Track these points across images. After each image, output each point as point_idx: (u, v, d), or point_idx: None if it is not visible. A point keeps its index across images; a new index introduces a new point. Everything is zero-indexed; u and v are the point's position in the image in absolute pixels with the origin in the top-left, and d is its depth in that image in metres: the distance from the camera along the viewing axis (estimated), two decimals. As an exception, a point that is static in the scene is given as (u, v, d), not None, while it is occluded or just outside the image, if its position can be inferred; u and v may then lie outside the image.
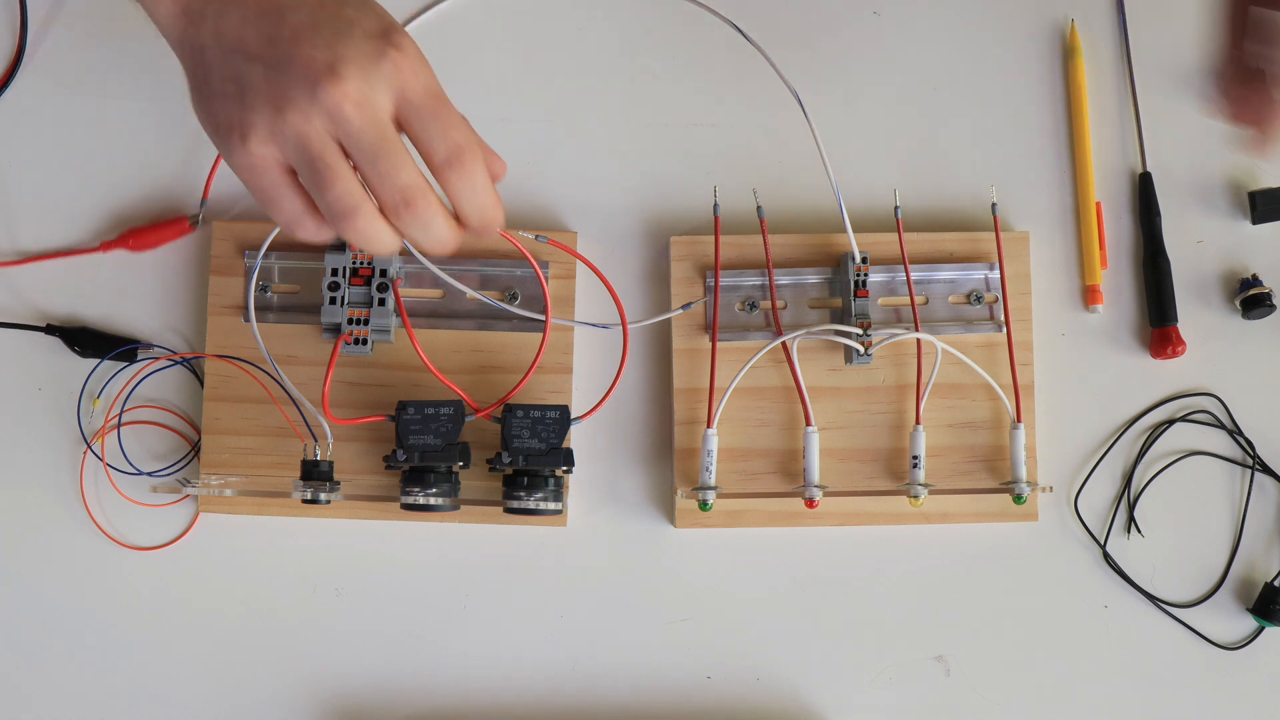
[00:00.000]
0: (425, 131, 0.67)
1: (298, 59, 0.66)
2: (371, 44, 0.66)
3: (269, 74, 0.66)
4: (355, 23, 0.67)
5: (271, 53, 0.67)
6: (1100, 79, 0.94)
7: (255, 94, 0.67)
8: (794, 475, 0.88)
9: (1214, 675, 0.88)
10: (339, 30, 0.66)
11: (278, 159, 0.67)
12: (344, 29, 0.66)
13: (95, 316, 0.91)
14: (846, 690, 0.87)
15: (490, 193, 0.69)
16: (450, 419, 0.85)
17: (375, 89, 0.66)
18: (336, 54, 0.66)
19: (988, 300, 0.90)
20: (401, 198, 0.67)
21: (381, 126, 0.66)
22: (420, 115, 0.67)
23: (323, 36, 0.66)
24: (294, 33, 0.66)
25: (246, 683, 0.87)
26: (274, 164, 0.68)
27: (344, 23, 0.66)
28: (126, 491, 0.89)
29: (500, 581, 0.88)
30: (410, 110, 0.67)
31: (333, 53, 0.66)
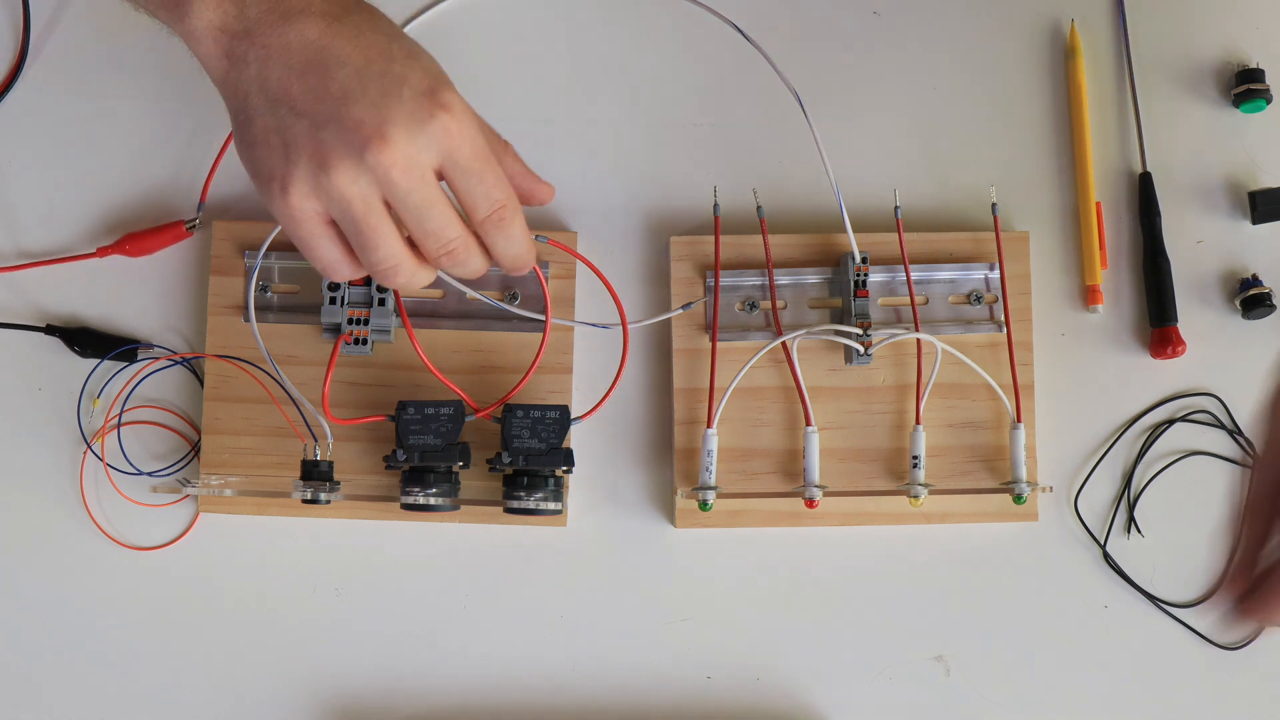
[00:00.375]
0: (470, 193, 0.68)
1: (345, 120, 0.65)
2: (419, 105, 0.65)
3: (314, 131, 0.66)
4: (404, 80, 0.66)
5: (317, 110, 0.66)
6: (1100, 79, 0.94)
7: (299, 150, 0.66)
8: (794, 475, 0.88)
9: (1214, 675, 0.88)
10: (386, 89, 0.65)
11: (319, 212, 0.68)
12: (392, 88, 0.65)
13: (95, 316, 0.91)
14: (846, 690, 0.87)
15: (525, 242, 0.71)
16: (450, 419, 0.85)
17: (422, 152, 0.66)
18: (384, 116, 0.65)
19: (988, 300, 0.90)
20: (445, 251, 0.69)
21: (427, 187, 0.66)
22: (466, 177, 0.67)
23: (370, 96, 0.65)
24: (341, 90, 0.66)
25: (246, 683, 0.87)
26: (314, 216, 0.68)
27: (392, 80, 0.65)
28: (126, 491, 0.89)
29: (500, 581, 0.88)
30: (456, 171, 0.67)
31: (380, 115, 0.65)
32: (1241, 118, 0.93)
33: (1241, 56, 0.93)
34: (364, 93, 0.65)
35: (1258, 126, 0.93)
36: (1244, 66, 0.93)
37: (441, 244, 0.69)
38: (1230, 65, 0.93)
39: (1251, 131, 0.93)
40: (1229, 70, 0.93)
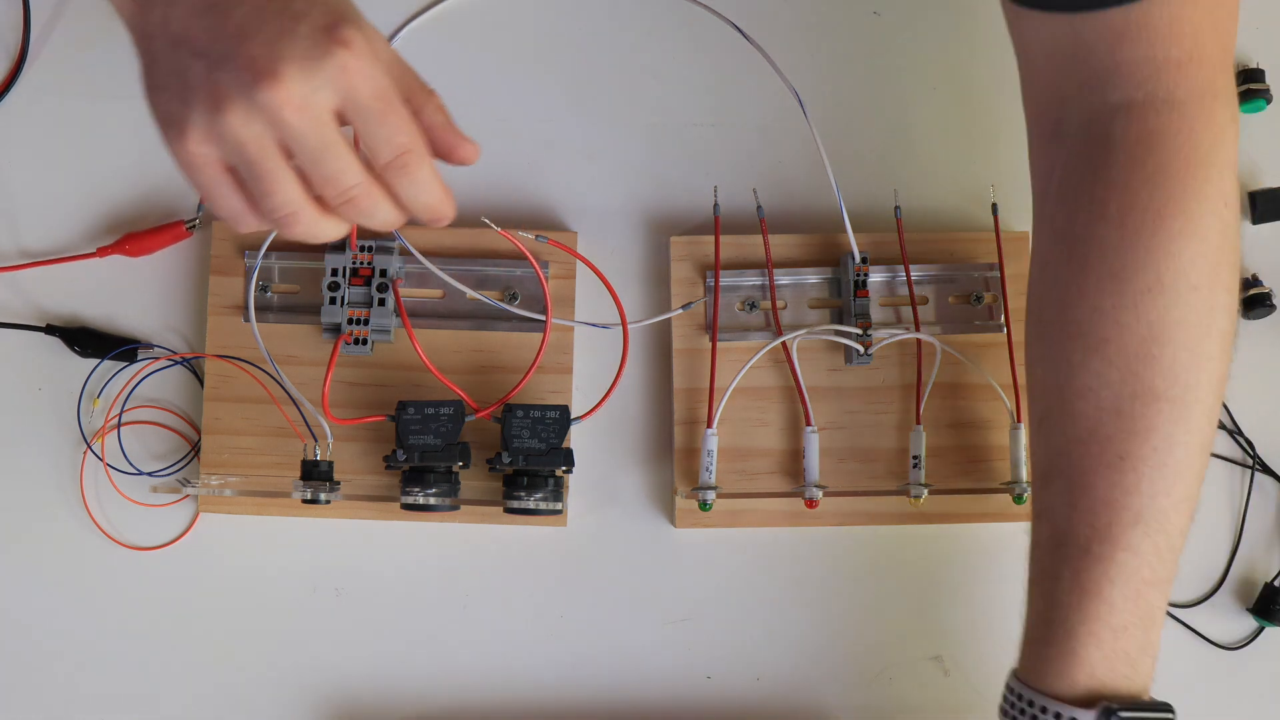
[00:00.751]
0: (369, 135, 0.65)
1: (239, 57, 0.63)
2: (316, 41, 0.62)
3: (209, 71, 0.64)
4: (302, 16, 0.63)
5: (214, 48, 0.63)
6: (1100, 79, 0.94)
7: (195, 91, 0.64)
8: (794, 475, 0.88)
9: (1214, 675, 0.88)
10: (283, 27, 0.63)
11: (217, 157, 0.65)
12: (289, 25, 0.63)
13: (95, 316, 0.91)
14: (846, 690, 0.87)
15: (434, 190, 0.67)
16: (450, 419, 0.85)
17: (317, 90, 0.63)
18: (277, 53, 0.62)
19: (988, 300, 0.90)
20: (344, 198, 0.66)
21: (323, 129, 0.64)
22: (365, 117, 0.64)
23: (265, 34, 0.63)
24: (238, 28, 0.63)
25: (246, 683, 0.87)
26: (213, 162, 0.65)
27: (290, 17, 0.63)
28: (126, 491, 0.89)
29: (500, 581, 0.88)
30: (354, 111, 0.64)
31: (273, 52, 0.62)
32: (1242, 118, 0.93)
33: (1241, 56, 0.93)
34: (260, 30, 0.63)
35: (1258, 126, 0.93)
36: (1244, 66, 0.93)
37: (341, 190, 0.65)
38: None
39: (1251, 131, 0.93)
40: (1229, 70, 0.93)
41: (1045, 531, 0.74)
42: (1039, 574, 0.74)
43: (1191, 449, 0.72)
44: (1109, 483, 0.72)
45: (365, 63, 0.63)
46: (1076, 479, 0.72)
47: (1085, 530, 0.72)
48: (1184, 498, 0.72)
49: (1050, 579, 0.73)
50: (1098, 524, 0.72)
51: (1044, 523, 0.74)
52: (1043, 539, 0.74)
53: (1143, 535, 0.72)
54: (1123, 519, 0.72)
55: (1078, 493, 0.72)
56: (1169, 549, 0.73)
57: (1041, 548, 0.74)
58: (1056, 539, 0.73)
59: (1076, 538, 0.72)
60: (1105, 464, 0.72)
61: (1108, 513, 0.72)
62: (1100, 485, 0.72)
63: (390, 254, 0.89)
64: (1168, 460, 0.71)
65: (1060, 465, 0.73)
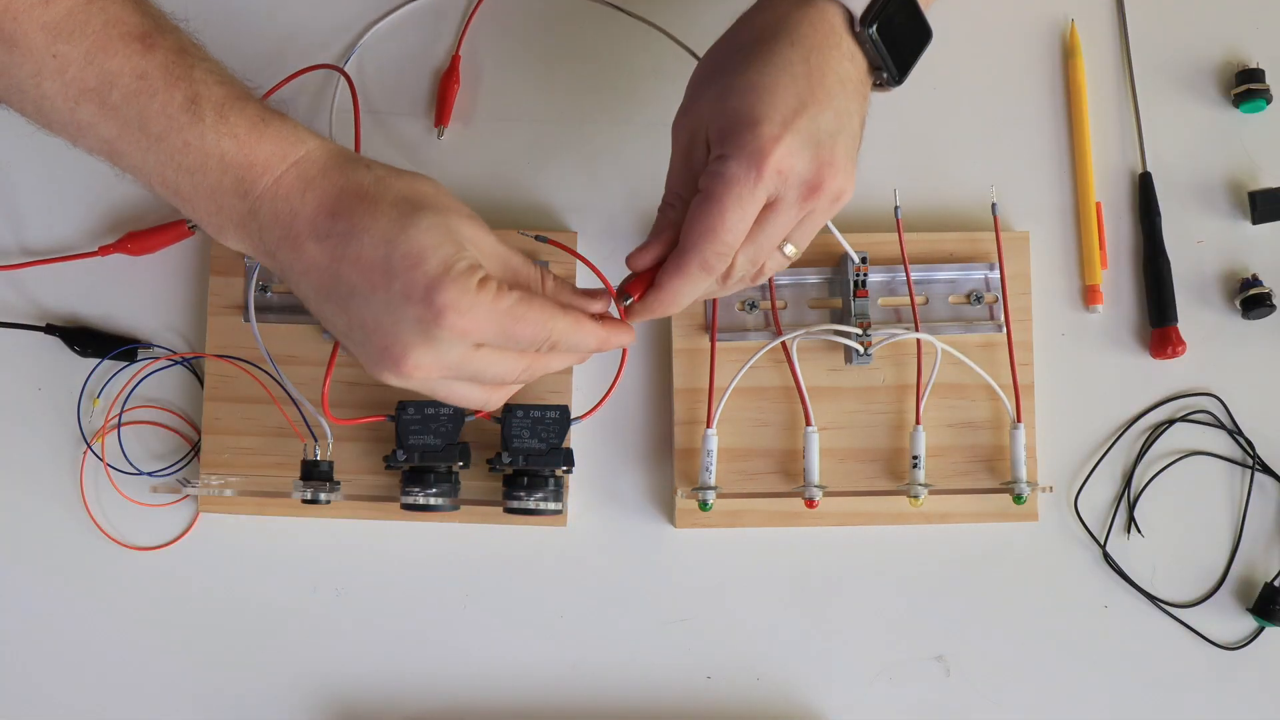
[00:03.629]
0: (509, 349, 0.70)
1: (372, 349, 0.70)
2: (423, 317, 0.67)
3: (356, 347, 0.71)
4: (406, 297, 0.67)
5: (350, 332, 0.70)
6: (1100, 79, 0.94)
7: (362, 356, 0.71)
8: (794, 475, 0.88)
9: (1214, 675, 0.88)
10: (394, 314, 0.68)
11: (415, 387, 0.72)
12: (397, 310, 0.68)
13: (95, 316, 0.91)
14: (846, 690, 0.87)
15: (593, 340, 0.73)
16: (450, 419, 0.85)
17: (447, 353, 0.69)
18: (401, 341, 0.68)
19: (988, 300, 0.90)
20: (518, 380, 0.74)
21: (466, 367, 0.70)
22: (500, 348, 0.70)
23: (384, 325, 0.69)
24: (359, 319, 0.69)
25: (247, 683, 0.87)
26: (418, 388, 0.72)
27: (396, 301, 0.68)
28: (126, 491, 0.89)
29: (500, 581, 0.88)
30: (489, 346, 0.70)
31: (397, 340, 0.68)
32: (1241, 118, 0.93)
33: (1241, 56, 0.93)
34: (375, 315, 0.69)
35: (1258, 126, 0.93)
36: (1244, 66, 0.93)
37: (508, 385, 0.73)
38: (1230, 65, 0.93)
39: (1251, 131, 0.93)
40: (1229, 70, 0.93)
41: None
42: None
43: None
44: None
45: (473, 315, 0.68)
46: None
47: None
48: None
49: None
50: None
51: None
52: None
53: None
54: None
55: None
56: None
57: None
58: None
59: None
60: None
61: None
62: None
63: (390, 254, 0.89)
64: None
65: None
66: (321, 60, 0.92)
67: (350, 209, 0.69)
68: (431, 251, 0.68)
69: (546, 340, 0.70)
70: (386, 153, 0.92)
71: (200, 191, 0.70)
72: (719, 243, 0.71)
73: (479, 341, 0.69)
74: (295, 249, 0.70)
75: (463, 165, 0.92)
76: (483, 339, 0.69)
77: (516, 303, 0.69)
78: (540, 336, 0.70)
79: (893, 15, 0.73)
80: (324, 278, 0.69)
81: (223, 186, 0.70)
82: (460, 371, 0.70)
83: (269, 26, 0.93)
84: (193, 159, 0.70)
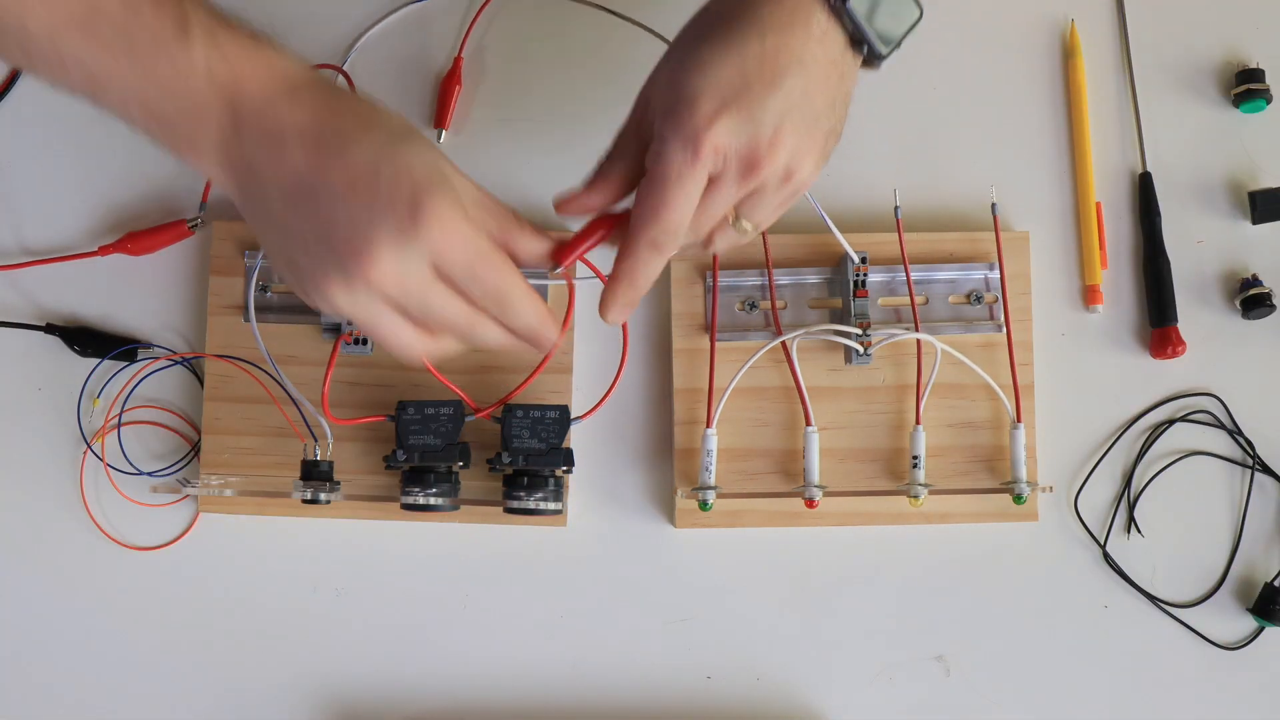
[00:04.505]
0: (464, 287, 0.68)
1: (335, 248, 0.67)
2: (402, 220, 0.66)
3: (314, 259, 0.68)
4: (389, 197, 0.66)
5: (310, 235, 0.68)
6: (1100, 79, 0.94)
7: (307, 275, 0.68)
8: (794, 475, 0.88)
9: (1214, 675, 0.88)
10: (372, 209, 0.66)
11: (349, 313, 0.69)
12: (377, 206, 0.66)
13: (95, 316, 0.91)
14: (846, 690, 0.87)
15: (534, 317, 0.71)
16: (450, 419, 0.85)
17: (409, 263, 0.67)
18: (368, 237, 0.66)
19: (988, 300, 0.90)
20: (458, 334, 0.70)
21: (422, 293, 0.68)
22: (457, 277, 0.68)
23: (356, 220, 0.66)
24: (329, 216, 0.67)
25: (247, 683, 0.87)
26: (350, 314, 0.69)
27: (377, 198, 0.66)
28: (126, 491, 0.89)
29: (500, 581, 0.88)
30: (450, 273, 0.68)
31: (365, 236, 0.66)
32: (1241, 118, 0.93)
33: (1241, 56, 0.93)
34: (350, 218, 0.67)
35: (1258, 126, 0.93)
36: (1244, 66, 0.93)
37: (452, 329, 0.70)
38: (1230, 65, 0.93)
39: (1251, 131, 0.93)
40: (1229, 70, 0.93)
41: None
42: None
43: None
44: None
45: (450, 232, 0.66)
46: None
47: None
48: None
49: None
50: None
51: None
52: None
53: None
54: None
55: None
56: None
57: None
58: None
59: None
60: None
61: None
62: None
63: (390, 254, 0.89)
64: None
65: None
66: (321, 60, 0.92)
67: (342, 122, 0.68)
68: (422, 169, 0.67)
69: (502, 295, 0.69)
70: (386, 153, 0.92)
71: (184, 113, 0.69)
72: (665, 222, 0.71)
73: (443, 267, 0.67)
74: (278, 156, 0.68)
75: (463, 166, 0.92)
76: (449, 266, 0.67)
77: (488, 248, 0.68)
78: (499, 288, 0.69)
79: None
80: (302, 182, 0.67)
81: (208, 103, 0.69)
82: (410, 298, 0.68)
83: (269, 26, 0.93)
84: (180, 81, 0.68)
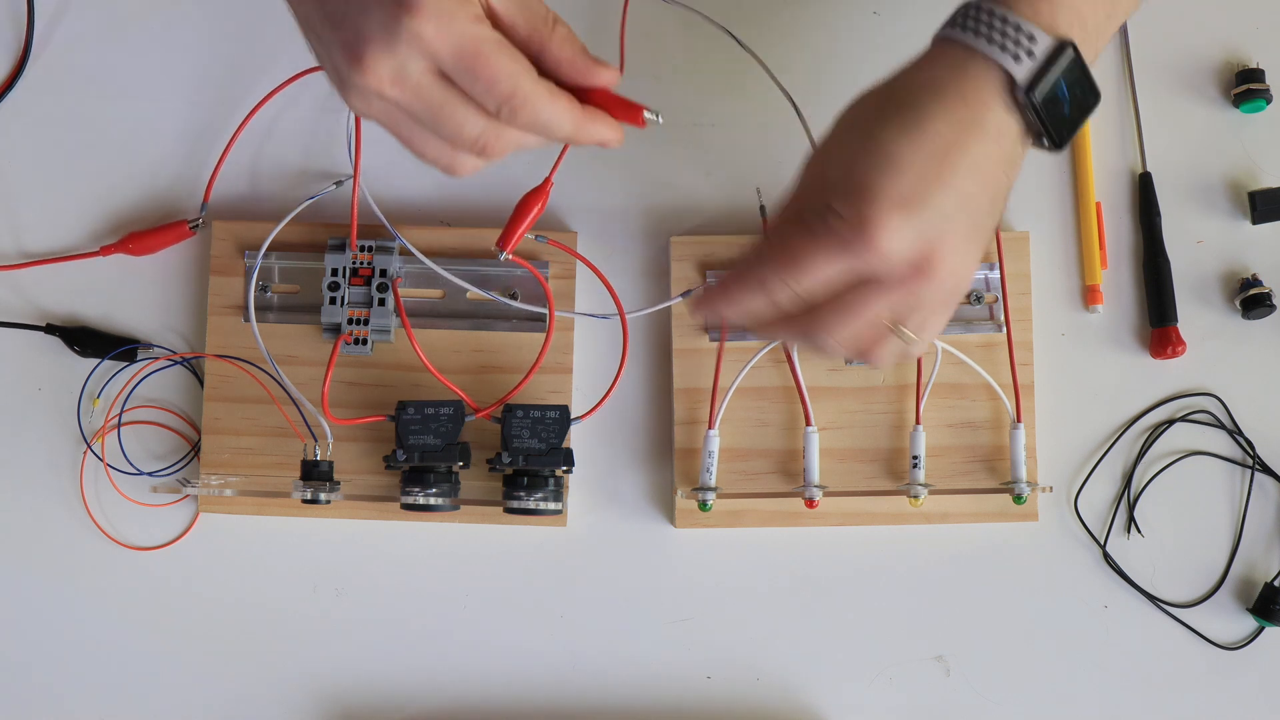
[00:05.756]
0: (470, 90, 0.66)
1: (336, 44, 0.65)
2: (388, 15, 0.63)
3: (326, 53, 0.66)
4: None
5: (322, 33, 0.66)
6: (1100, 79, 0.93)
7: (329, 73, 0.67)
8: (794, 475, 0.88)
9: (1214, 675, 0.88)
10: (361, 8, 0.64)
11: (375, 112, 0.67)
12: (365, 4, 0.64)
13: (95, 316, 0.91)
14: (846, 690, 0.87)
15: (555, 119, 0.67)
16: (450, 419, 0.85)
17: (406, 62, 0.64)
18: (359, 35, 0.64)
19: (988, 300, 0.90)
20: (476, 146, 0.67)
21: (424, 94, 0.65)
22: (458, 76, 0.65)
23: (350, 16, 0.64)
24: (332, 13, 0.65)
25: (246, 683, 0.87)
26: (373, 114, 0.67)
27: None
28: (126, 491, 0.89)
29: (500, 581, 0.88)
30: (448, 71, 0.65)
31: (356, 34, 0.64)
32: (1241, 118, 0.93)
33: (1241, 56, 0.93)
34: (345, 13, 0.65)
35: (1258, 126, 0.93)
36: (1244, 66, 0.93)
37: (468, 142, 0.67)
38: (1230, 65, 0.93)
39: (1251, 131, 0.93)
40: (1229, 70, 0.93)
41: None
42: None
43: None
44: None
45: (437, 23, 0.63)
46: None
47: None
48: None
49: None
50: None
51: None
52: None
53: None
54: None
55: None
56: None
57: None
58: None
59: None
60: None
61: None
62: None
63: (390, 254, 0.89)
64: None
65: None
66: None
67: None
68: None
69: (507, 97, 0.65)
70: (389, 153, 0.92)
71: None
72: (784, 268, 0.67)
73: (439, 65, 0.64)
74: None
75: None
76: (441, 60, 0.64)
77: (491, 40, 0.65)
78: (501, 89, 0.65)
79: (1059, 79, 0.70)
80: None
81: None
82: (418, 100, 0.65)
83: (270, 26, 0.93)
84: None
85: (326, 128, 0.93)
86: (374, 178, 0.91)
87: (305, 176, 0.92)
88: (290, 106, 0.92)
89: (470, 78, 0.65)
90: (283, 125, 0.93)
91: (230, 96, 0.93)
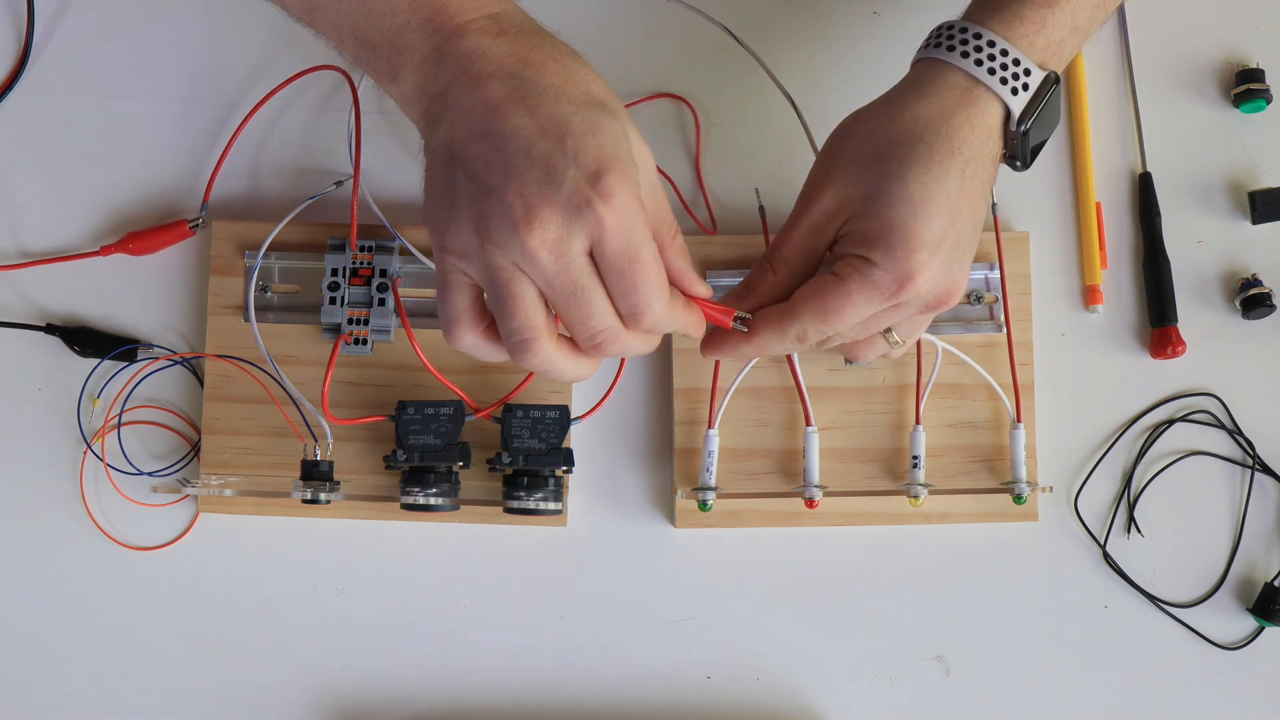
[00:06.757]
0: (613, 285, 0.67)
1: (506, 193, 0.65)
2: (578, 190, 0.65)
3: (478, 198, 0.66)
4: (571, 161, 0.65)
5: (485, 178, 0.66)
6: (1100, 79, 0.94)
7: (461, 211, 0.67)
8: (794, 475, 0.88)
9: (1214, 675, 0.88)
10: (551, 170, 0.65)
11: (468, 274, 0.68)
12: (557, 168, 0.65)
13: (95, 316, 0.91)
14: (846, 690, 0.87)
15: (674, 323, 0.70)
16: (450, 419, 0.85)
17: (573, 238, 0.65)
18: (541, 198, 0.65)
19: (988, 300, 0.90)
20: (592, 341, 0.69)
21: (574, 273, 0.66)
22: (609, 270, 0.67)
23: (534, 175, 0.65)
24: (510, 163, 0.66)
25: (247, 682, 0.87)
26: (462, 277, 0.68)
27: (559, 160, 0.65)
28: (126, 491, 0.89)
29: (500, 581, 0.88)
30: (602, 262, 0.67)
31: (538, 196, 0.65)
32: (1241, 118, 0.93)
33: (1241, 56, 0.93)
34: (529, 170, 0.65)
35: (1258, 126, 0.93)
36: (1244, 66, 0.93)
37: (589, 333, 0.68)
38: (1230, 65, 0.93)
39: (1251, 131, 0.93)
40: (1229, 70, 0.93)
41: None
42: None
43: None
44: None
45: (621, 218, 0.65)
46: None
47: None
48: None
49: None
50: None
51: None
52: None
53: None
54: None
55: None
56: None
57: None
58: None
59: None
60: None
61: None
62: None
63: (390, 254, 0.89)
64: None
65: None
66: (323, 61, 0.92)
67: (543, 63, 0.68)
68: (611, 141, 0.66)
69: (644, 307, 0.68)
70: (390, 153, 0.92)
71: (385, 34, 0.70)
72: (829, 326, 0.72)
73: (600, 252, 0.66)
74: (472, 84, 0.67)
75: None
76: (604, 249, 0.66)
77: (652, 250, 0.67)
78: (641, 297, 0.67)
79: (1042, 110, 0.74)
80: (492, 116, 0.66)
81: (410, 26, 0.69)
82: (563, 276, 0.66)
83: (271, 26, 0.93)
84: (382, 4, 0.70)
85: (326, 128, 0.93)
86: (374, 178, 0.91)
87: (305, 176, 0.92)
88: (290, 106, 0.93)
89: (620, 276, 0.67)
90: (283, 125, 0.93)
91: (230, 96, 0.93)
